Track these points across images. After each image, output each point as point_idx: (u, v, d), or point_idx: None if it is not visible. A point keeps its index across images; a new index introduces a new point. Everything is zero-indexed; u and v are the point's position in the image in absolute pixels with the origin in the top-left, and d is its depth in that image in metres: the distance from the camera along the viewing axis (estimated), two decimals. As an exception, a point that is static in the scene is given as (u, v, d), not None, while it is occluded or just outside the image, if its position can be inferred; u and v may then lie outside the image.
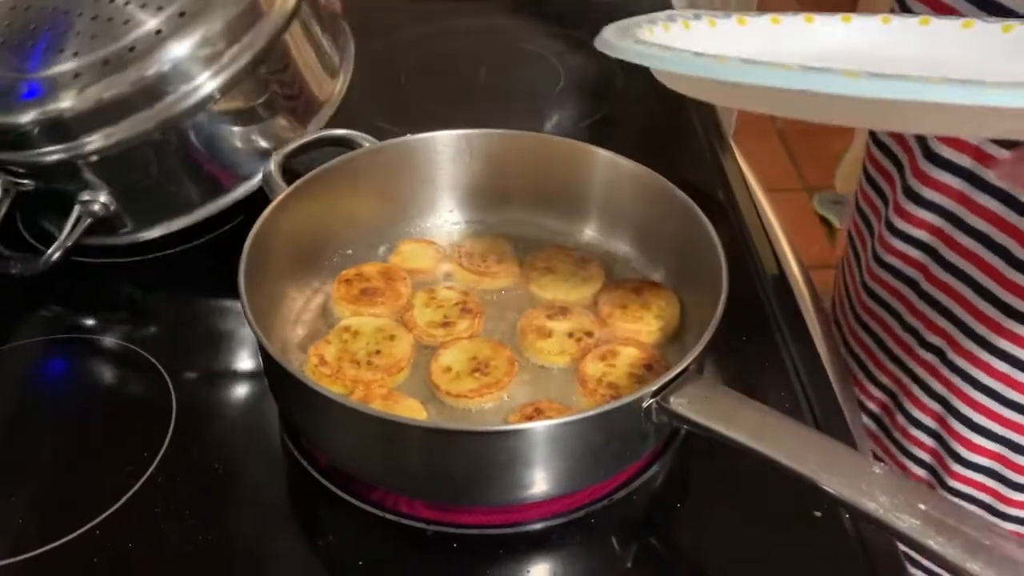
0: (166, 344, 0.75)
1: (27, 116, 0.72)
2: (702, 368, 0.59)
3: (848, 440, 0.68)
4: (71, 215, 0.76)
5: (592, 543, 0.62)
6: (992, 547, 0.46)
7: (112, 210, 0.77)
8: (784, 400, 0.70)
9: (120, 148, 0.73)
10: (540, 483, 0.58)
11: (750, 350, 0.75)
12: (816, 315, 0.82)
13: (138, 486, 0.63)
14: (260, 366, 0.65)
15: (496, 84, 1.09)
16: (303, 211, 0.72)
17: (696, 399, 0.55)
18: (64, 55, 0.72)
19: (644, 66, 0.45)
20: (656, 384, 0.55)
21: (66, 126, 0.72)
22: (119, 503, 0.62)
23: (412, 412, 0.63)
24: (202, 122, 0.75)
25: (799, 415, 0.69)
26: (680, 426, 0.58)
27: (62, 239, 0.76)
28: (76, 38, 0.72)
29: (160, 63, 0.71)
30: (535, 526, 0.61)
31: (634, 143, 0.78)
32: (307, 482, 0.64)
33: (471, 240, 0.79)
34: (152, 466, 0.64)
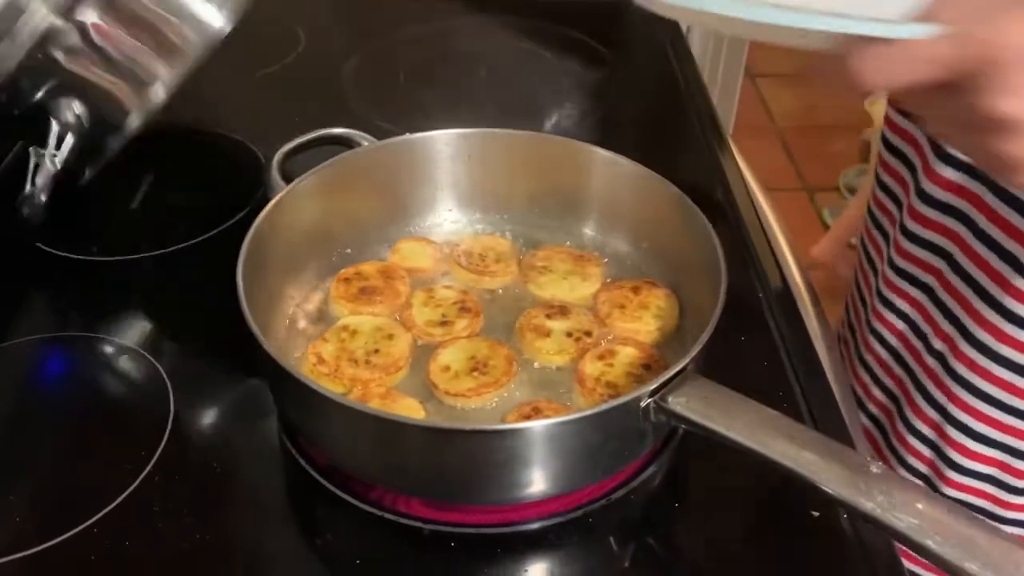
0: (164, 342, 0.75)
1: None
2: (700, 368, 0.59)
3: (846, 440, 0.68)
4: (50, 135, 0.72)
5: (590, 543, 0.62)
6: (990, 547, 0.46)
7: (85, 115, 0.72)
8: (782, 400, 0.70)
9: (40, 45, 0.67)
10: (538, 482, 0.58)
11: (748, 350, 0.75)
12: (814, 315, 0.82)
13: (136, 484, 0.63)
14: (258, 365, 0.65)
15: (496, 83, 1.09)
16: (302, 210, 0.72)
17: (694, 399, 0.55)
18: None
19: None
20: (654, 383, 0.55)
21: None
22: (117, 501, 0.62)
23: (410, 411, 0.63)
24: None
25: (797, 415, 0.69)
26: (678, 426, 0.58)
27: (53, 157, 0.71)
28: None
29: None
30: (533, 525, 0.61)
31: (633, 143, 0.77)
32: (305, 481, 0.64)
33: (470, 239, 0.79)
34: (150, 464, 0.64)
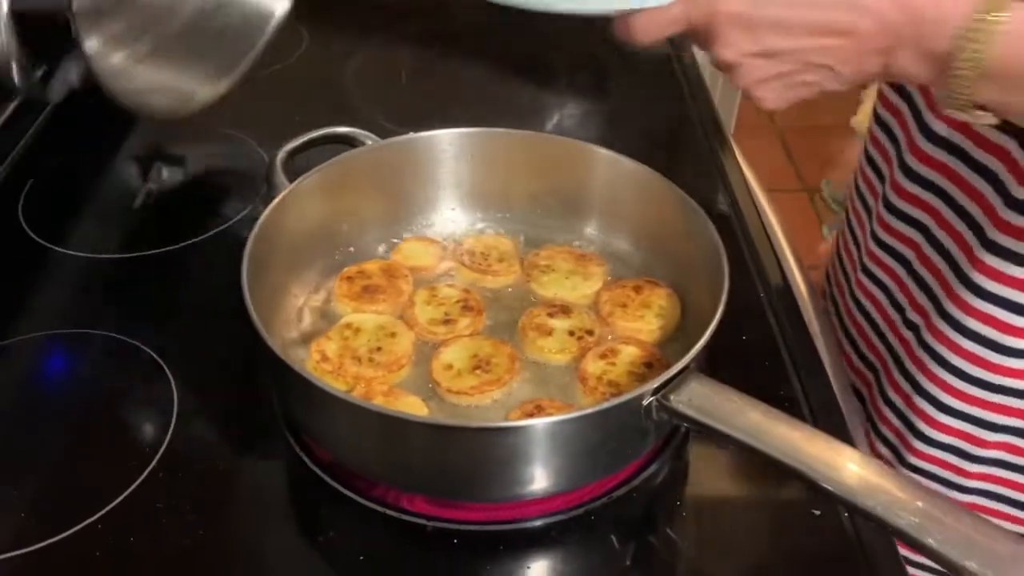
0: (168, 340, 0.75)
1: None
2: (702, 366, 0.59)
3: (846, 438, 0.68)
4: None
5: (592, 540, 0.62)
6: (990, 545, 0.46)
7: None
8: (783, 399, 0.70)
9: None
10: (540, 480, 0.58)
11: (750, 349, 0.75)
12: (815, 314, 0.83)
13: (140, 481, 0.63)
14: (262, 362, 0.65)
15: (499, 83, 1.10)
16: (305, 208, 0.72)
17: (696, 397, 0.55)
18: None
19: None
20: (656, 382, 0.56)
21: None
22: (121, 498, 0.62)
23: (413, 409, 0.63)
24: None
25: (798, 413, 0.69)
26: (680, 424, 0.58)
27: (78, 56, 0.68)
28: None
29: None
30: (535, 523, 0.62)
31: (635, 143, 0.78)
32: (308, 478, 0.64)
33: (472, 238, 0.80)
34: (154, 461, 0.64)
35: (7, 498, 0.63)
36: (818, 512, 0.62)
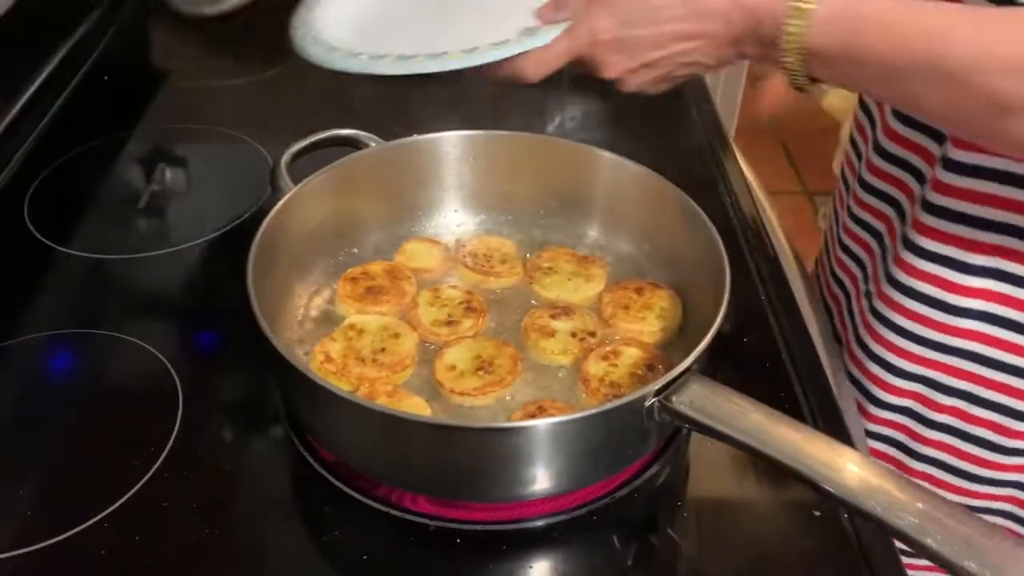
0: (173, 340, 0.75)
1: None
2: (703, 368, 0.59)
3: (847, 439, 0.69)
4: None
5: (593, 540, 0.62)
6: (988, 546, 0.47)
7: None
8: (784, 400, 0.71)
9: None
10: (542, 480, 0.58)
11: (751, 351, 0.76)
12: (815, 317, 0.83)
13: (145, 480, 0.64)
14: (266, 362, 0.65)
15: (502, 86, 1.10)
16: (310, 210, 0.73)
17: (698, 399, 0.56)
18: None
19: None
20: (658, 383, 0.56)
21: None
22: (126, 497, 0.62)
23: (416, 409, 0.63)
24: None
25: (799, 415, 0.69)
26: (682, 425, 0.58)
27: None
28: None
29: None
30: (537, 523, 0.62)
31: (637, 145, 0.78)
32: (312, 477, 0.65)
33: (476, 240, 0.80)
34: (159, 461, 0.65)
35: (12, 497, 0.63)
36: (818, 513, 0.62)
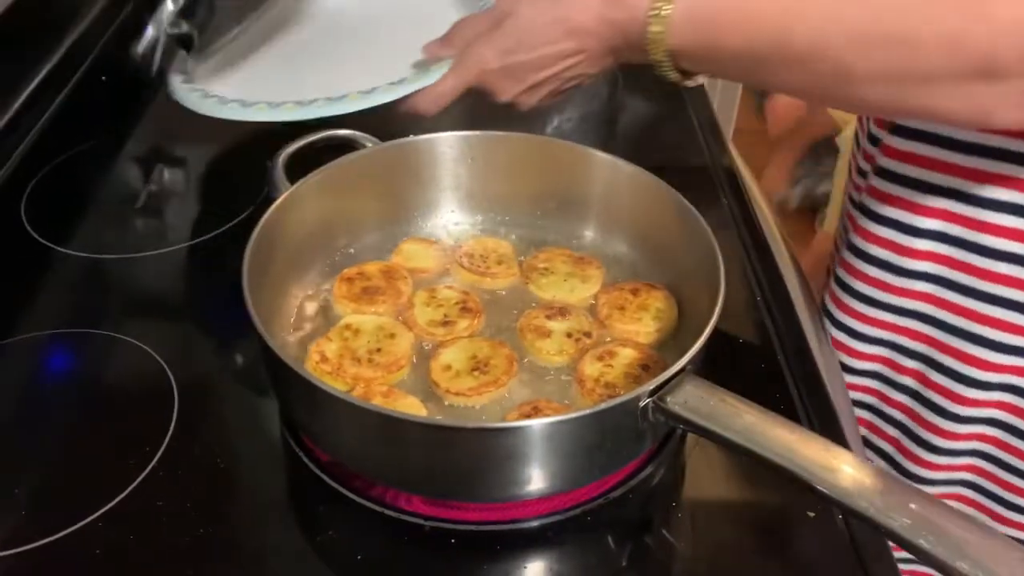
0: (168, 339, 0.75)
1: None
2: (698, 369, 0.60)
3: (841, 441, 0.69)
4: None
5: (588, 541, 0.63)
6: (982, 546, 0.47)
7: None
8: (779, 401, 0.71)
9: None
10: (537, 481, 0.58)
11: (746, 352, 0.76)
12: (810, 318, 0.83)
13: (140, 480, 0.64)
14: (262, 362, 0.65)
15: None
16: (306, 210, 0.73)
17: (692, 399, 0.56)
18: None
19: None
20: (653, 384, 0.56)
21: None
22: (121, 496, 0.62)
23: (412, 409, 0.64)
24: None
25: (794, 416, 0.70)
26: (676, 426, 0.58)
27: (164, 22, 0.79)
28: None
29: None
30: (532, 523, 0.62)
31: (633, 146, 0.79)
32: (307, 477, 0.65)
33: (472, 240, 0.80)
34: (154, 460, 0.65)
35: (8, 496, 0.63)
36: (812, 514, 0.62)
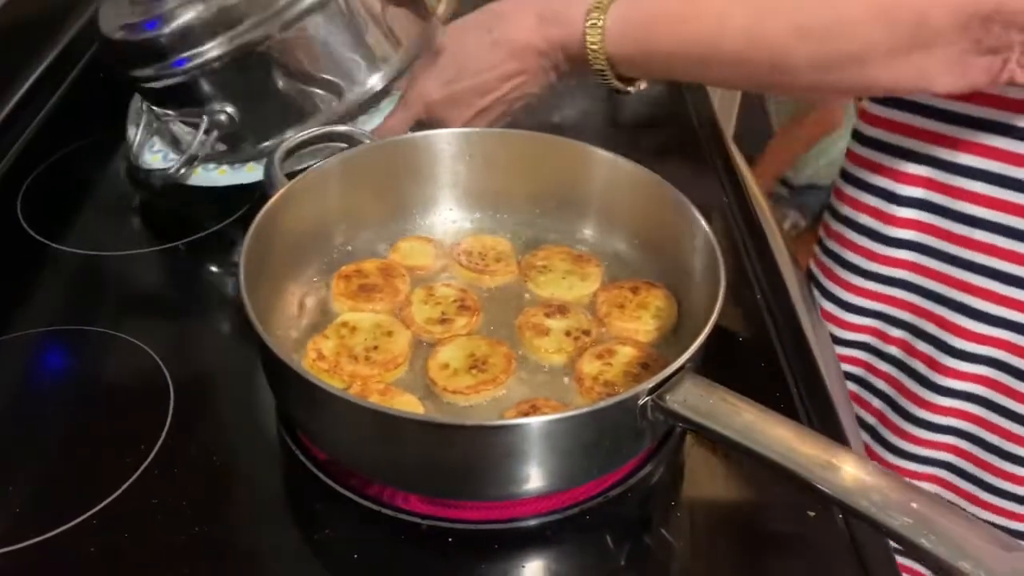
0: (165, 336, 0.75)
1: (164, 29, 0.78)
2: (698, 367, 0.59)
3: (842, 439, 0.69)
4: (200, 126, 0.82)
5: (586, 540, 0.62)
6: (983, 546, 0.47)
7: (236, 120, 0.82)
8: (779, 400, 0.70)
9: (239, 52, 0.78)
10: (536, 479, 0.58)
11: (745, 350, 0.75)
12: (811, 316, 0.83)
13: (135, 477, 0.63)
14: (258, 359, 0.65)
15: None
16: (303, 206, 0.73)
17: (692, 398, 0.55)
18: None
19: None
20: (652, 382, 0.56)
21: (193, 33, 0.78)
22: (116, 493, 0.62)
23: (409, 407, 0.63)
24: (311, 30, 0.79)
25: (794, 414, 0.69)
26: (676, 424, 0.58)
27: (193, 149, 0.82)
28: None
29: None
30: (530, 522, 0.62)
31: (633, 144, 0.78)
32: (303, 476, 0.64)
33: (470, 238, 0.80)
34: (149, 457, 0.65)
35: (3, 493, 0.63)
36: (813, 513, 0.62)
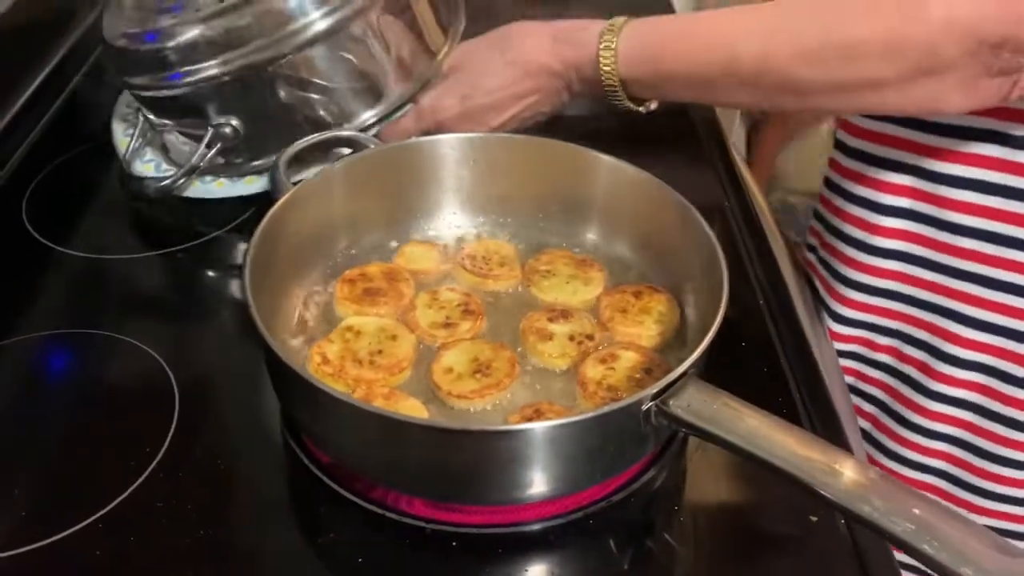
0: (170, 340, 0.75)
1: (166, 43, 0.79)
2: (701, 372, 0.59)
3: (844, 445, 0.69)
4: (204, 138, 0.83)
5: (590, 544, 0.62)
6: (985, 553, 0.47)
7: (240, 134, 0.83)
8: (782, 405, 0.71)
9: (242, 72, 0.79)
10: (539, 484, 0.58)
11: (749, 355, 0.75)
12: (813, 321, 0.83)
13: (141, 481, 0.63)
14: (262, 363, 0.65)
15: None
16: (308, 211, 0.73)
17: (695, 403, 0.56)
18: None
19: None
20: (656, 387, 0.56)
21: (195, 50, 0.79)
22: (121, 497, 0.62)
23: (413, 412, 0.63)
24: (316, 56, 0.81)
25: (796, 420, 0.69)
26: (679, 429, 0.58)
27: (194, 160, 0.83)
28: None
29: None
30: (533, 526, 0.62)
31: (636, 148, 0.78)
32: (308, 479, 0.65)
33: (474, 242, 0.80)
34: (155, 461, 0.65)
35: (8, 496, 0.63)
36: (815, 518, 0.62)
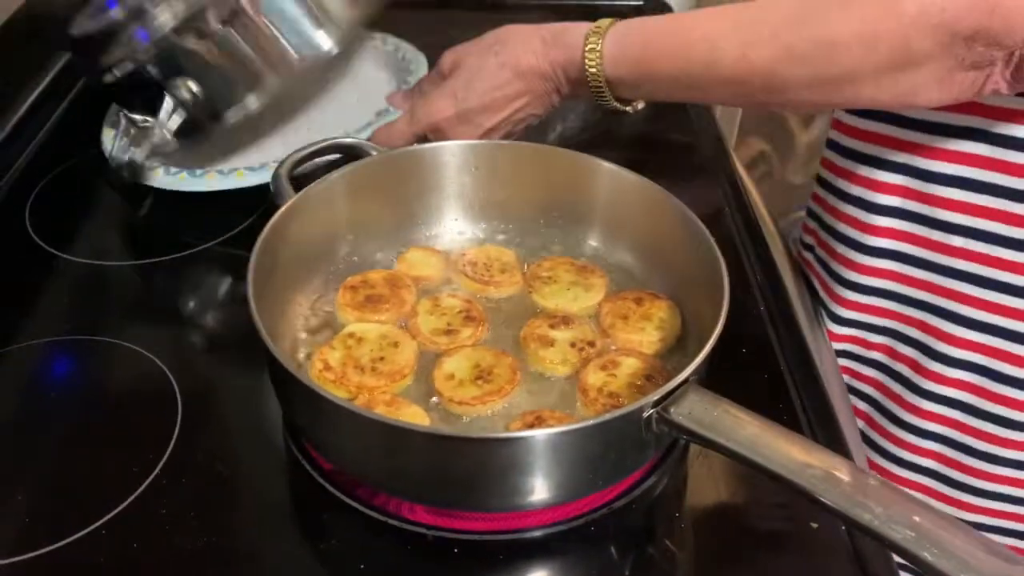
0: (172, 347, 0.76)
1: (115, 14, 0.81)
2: (702, 379, 0.60)
3: (844, 452, 0.69)
4: (163, 105, 0.83)
5: (591, 551, 0.62)
6: (986, 560, 0.47)
7: (199, 96, 0.82)
8: (782, 412, 0.71)
9: (193, 16, 0.79)
10: (541, 491, 0.58)
11: (749, 362, 0.76)
12: (814, 327, 0.83)
13: (143, 488, 0.64)
14: (265, 370, 0.65)
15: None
16: (310, 218, 0.73)
17: (696, 410, 0.56)
18: None
19: None
20: (657, 394, 0.56)
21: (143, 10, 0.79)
22: (124, 504, 0.63)
23: (415, 418, 0.63)
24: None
25: (797, 427, 0.70)
26: (680, 436, 0.58)
27: (159, 128, 0.83)
28: None
29: None
30: (535, 533, 0.62)
31: (637, 155, 0.78)
32: (310, 486, 0.65)
33: (475, 249, 0.80)
34: (157, 468, 0.65)
35: (11, 503, 0.63)
36: (815, 525, 0.62)
